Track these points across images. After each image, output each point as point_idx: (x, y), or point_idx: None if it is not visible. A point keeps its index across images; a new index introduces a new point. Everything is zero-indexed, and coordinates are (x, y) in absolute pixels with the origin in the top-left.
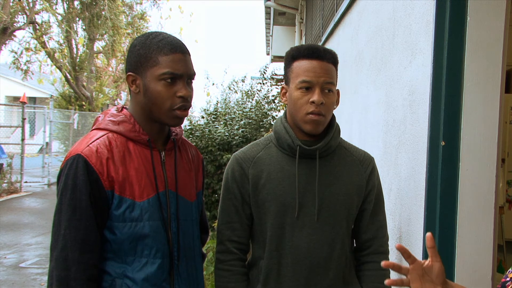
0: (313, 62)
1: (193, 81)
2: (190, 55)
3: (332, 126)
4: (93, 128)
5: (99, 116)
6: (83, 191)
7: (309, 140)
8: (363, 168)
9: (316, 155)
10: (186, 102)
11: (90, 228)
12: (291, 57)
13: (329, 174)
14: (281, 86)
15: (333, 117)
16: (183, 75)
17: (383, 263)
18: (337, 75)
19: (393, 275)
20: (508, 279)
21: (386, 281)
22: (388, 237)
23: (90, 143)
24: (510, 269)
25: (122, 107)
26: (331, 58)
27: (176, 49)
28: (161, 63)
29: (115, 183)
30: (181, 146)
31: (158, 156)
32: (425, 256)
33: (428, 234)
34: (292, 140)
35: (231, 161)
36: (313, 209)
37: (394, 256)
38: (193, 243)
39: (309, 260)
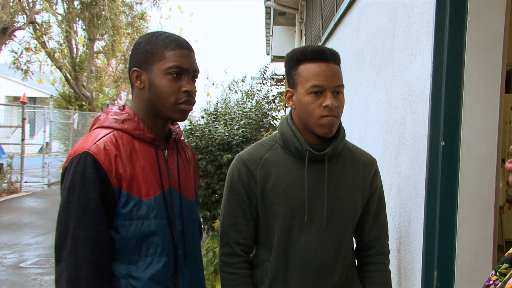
0: (322, 65)
1: (196, 79)
2: (194, 53)
3: (339, 129)
4: (96, 126)
5: (100, 115)
6: (93, 189)
7: (317, 144)
8: (367, 170)
9: (324, 159)
10: (190, 97)
11: (101, 226)
12: (295, 60)
13: (335, 177)
14: (286, 90)
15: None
16: (189, 69)
17: None
18: (342, 76)
19: (394, 276)
20: (491, 282)
21: None
22: (389, 237)
23: (97, 141)
24: (492, 272)
25: (123, 106)
26: (336, 60)
27: (182, 44)
28: (167, 58)
29: (123, 181)
30: (180, 147)
31: (162, 155)
32: (425, 257)
33: None
34: (301, 144)
35: (237, 162)
36: (321, 213)
37: (393, 256)
38: (194, 242)
39: (317, 264)
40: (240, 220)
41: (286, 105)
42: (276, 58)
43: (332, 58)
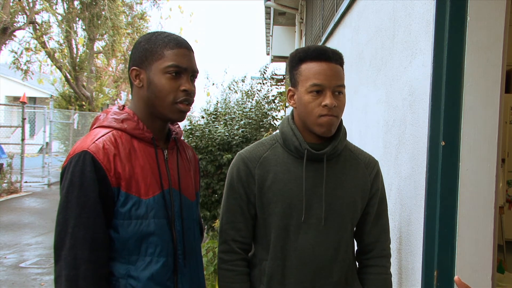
0: (323, 65)
1: (196, 79)
2: (194, 53)
3: (339, 129)
4: (96, 126)
5: (100, 115)
6: (91, 188)
7: (317, 143)
8: (368, 171)
9: (323, 158)
10: (189, 96)
11: (99, 225)
12: (298, 59)
13: (334, 177)
14: (287, 89)
15: (341, 120)
16: (187, 69)
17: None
18: (344, 76)
19: (394, 276)
20: None
21: None
22: (390, 240)
23: (96, 140)
24: None
25: (123, 106)
26: (338, 60)
27: (181, 44)
28: (166, 57)
29: (122, 180)
30: (180, 146)
31: (162, 154)
32: (425, 257)
33: (456, 278)
34: (300, 143)
35: (237, 160)
36: (319, 212)
37: (394, 256)
38: (194, 242)
39: (314, 263)
40: (239, 218)
41: (286, 105)
42: (276, 58)
43: (334, 58)
